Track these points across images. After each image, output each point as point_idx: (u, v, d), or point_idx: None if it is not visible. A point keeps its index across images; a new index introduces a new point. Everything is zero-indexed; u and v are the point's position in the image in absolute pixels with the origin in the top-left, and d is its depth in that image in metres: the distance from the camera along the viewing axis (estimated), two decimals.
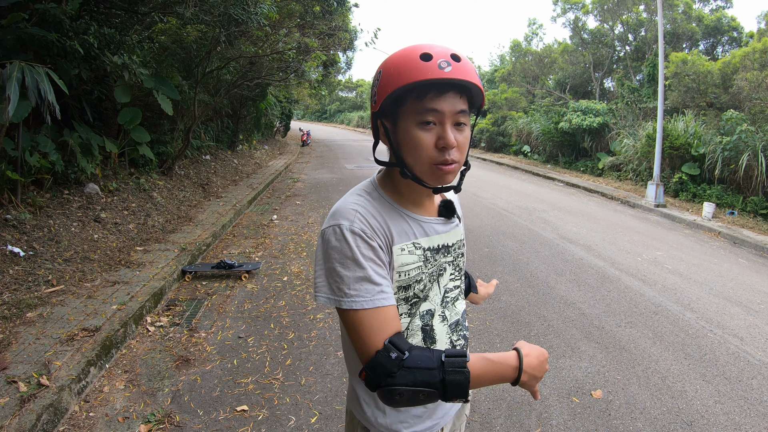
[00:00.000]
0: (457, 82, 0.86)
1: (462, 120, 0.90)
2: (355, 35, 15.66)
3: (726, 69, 10.80)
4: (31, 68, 3.41)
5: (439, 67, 0.84)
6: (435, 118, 0.87)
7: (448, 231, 1.04)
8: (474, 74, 0.88)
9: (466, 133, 0.92)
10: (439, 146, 0.88)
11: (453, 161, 0.89)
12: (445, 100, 0.87)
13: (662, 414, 2.57)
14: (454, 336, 1.06)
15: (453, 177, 0.93)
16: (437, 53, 0.86)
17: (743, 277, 5.10)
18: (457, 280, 1.10)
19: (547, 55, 18.65)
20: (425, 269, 0.98)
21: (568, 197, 9.72)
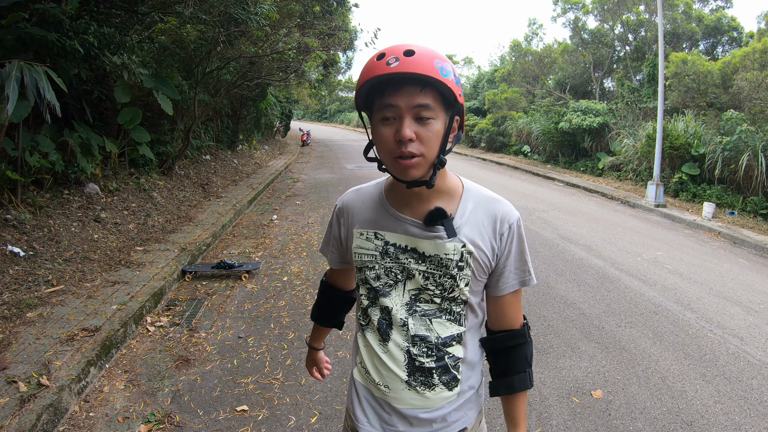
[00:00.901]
0: (403, 75, 0.86)
1: (425, 114, 0.89)
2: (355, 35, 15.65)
3: (726, 69, 10.80)
4: (30, 67, 3.41)
5: (386, 64, 0.87)
6: (393, 113, 0.90)
7: (425, 238, 1.01)
8: (426, 67, 0.85)
9: (432, 128, 0.90)
10: (396, 139, 0.90)
11: (411, 154, 0.90)
12: (401, 94, 0.89)
13: (662, 414, 2.57)
14: (414, 350, 1.04)
15: (417, 171, 0.92)
16: (390, 51, 0.89)
17: (743, 277, 5.10)
18: (438, 298, 1.03)
19: (547, 55, 18.65)
20: (381, 260, 1.06)
21: (568, 197, 9.72)
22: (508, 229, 1.03)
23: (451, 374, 1.06)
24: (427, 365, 1.04)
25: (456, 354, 1.06)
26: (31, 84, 3.35)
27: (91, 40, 4.72)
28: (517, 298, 1.09)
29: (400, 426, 1.07)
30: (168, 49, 6.87)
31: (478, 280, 1.04)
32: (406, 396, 1.05)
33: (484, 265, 1.03)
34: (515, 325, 1.09)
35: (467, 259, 1.01)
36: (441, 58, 0.89)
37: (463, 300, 1.04)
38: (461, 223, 1.01)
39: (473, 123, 20.25)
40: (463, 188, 1.05)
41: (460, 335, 1.06)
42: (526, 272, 1.07)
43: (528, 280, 1.07)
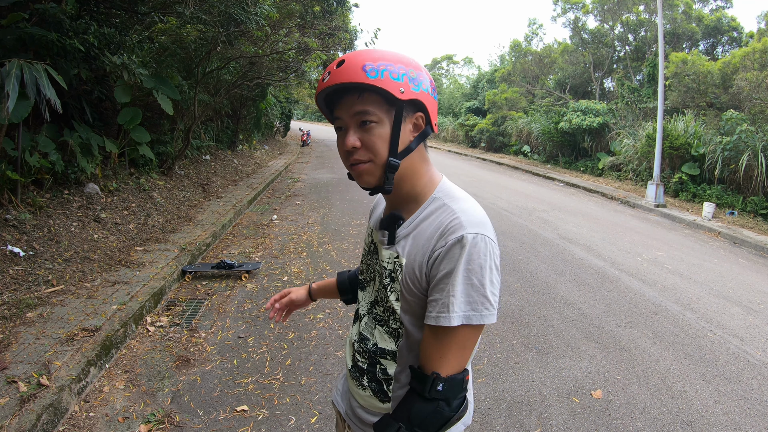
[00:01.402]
0: (333, 88, 0.88)
1: (366, 119, 0.88)
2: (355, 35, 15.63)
3: (726, 69, 10.80)
4: (30, 66, 3.41)
5: (323, 80, 0.89)
6: (341, 124, 0.92)
7: (379, 242, 1.01)
8: (353, 73, 0.84)
9: (375, 131, 0.88)
10: (344, 149, 0.91)
11: (359, 161, 0.90)
12: (342, 105, 0.90)
13: (662, 414, 2.57)
14: (357, 345, 1.07)
15: (369, 177, 0.91)
16: (330, 66, 0.89)
17: (743, 277, 5.10)
18: (381, 308, 1.00)
19: (547, 55, 18.65)
20: (366, 256, 1.10)
21: (568, 197, 9.72)
22: (442, 247, 0.86)
23: (381, 386, 1.00)
24: (360, 364, 1.06)
25: (387, 369, 0.99)
26: (30, 82, 3.35)
27: (91, 39, 4.72)
28: (436, 337, 0.86)
29: (350, 409, 1.11)
30: (168, 49, 6.87)
31: (407, 299, 0.93)
32: (350, 382, 1.10)
33: (413, 283, 0.90)
34: (425, 368, 0.87)
35: (398, 270, 0.93)
36: (373, 59, 0.85)
37: (396, 318, 0.96)
38: (406, 232, 0.94)
39: (473, 123, 20.26)
40: (432, 194, 0.96)
41: (393, 353, 0.98)
42: (444, 307, 0.83)
43: (443, 317, 0.83)
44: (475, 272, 0.83)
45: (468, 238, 0.84)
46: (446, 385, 0.85)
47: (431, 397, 0.86)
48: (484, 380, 2.82)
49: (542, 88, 18.83)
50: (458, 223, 0.87)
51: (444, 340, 0.85)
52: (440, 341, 0.85)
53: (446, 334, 0.85)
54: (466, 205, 0.91)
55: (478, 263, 0.84)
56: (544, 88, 18.86)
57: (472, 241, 0.84)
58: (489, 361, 3.05)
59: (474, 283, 0.83)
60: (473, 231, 0.85)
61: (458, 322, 0.83)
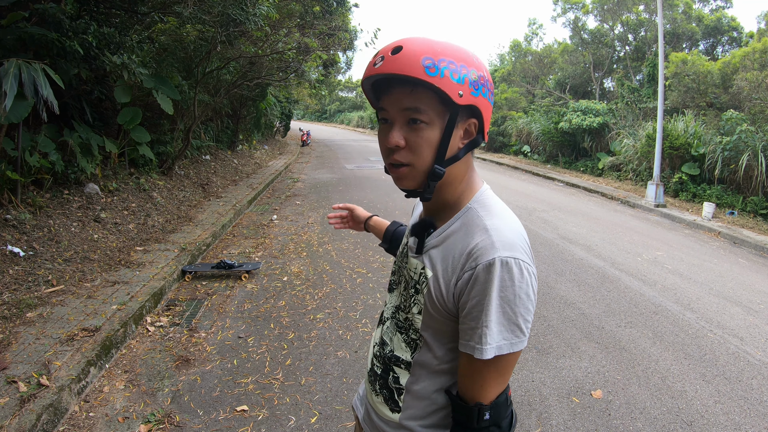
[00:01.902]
0: (384, 77, 0.80)
1: (416, 117, 0.80)
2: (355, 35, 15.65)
3: (726, 69, 10.81)
4: (28, 65, 3.42)
5: (374, 65, 0.80)
6: (387, 116, 0.84)
7: (409, 248, 0.96)
8: (411, 66, 0.76)
9: (424, 133, 0.80)
10: (386, 146, 0.83)
11: (398, 162, 0.82)
12: (391, 96, 0.82)
13: (662, 414, 2.57)
14: (376, 349, 1.03)
15: (406, 182, 0.84)
16: (383, 49, 0.81)
17: (743, 277, 5.10)
18: (403, 315, 0.95)
19: (547, 55, 18.66)
20: (398, 258, 1.05)
21: (568, 197, 9.72)
22: (471, 270, 0.79)
23: (392, 395, 0.96)
24: (376, 369, 1.01)
25: (400, 378, 0.95)
26: (28, 81, 3.35)
27: (91, 39, 4.72)
28: (472, 365, 0.82)
29: (362, 410, 1.09)
30: (168, 49, 6.87)
31: (431, 315, 0.87)
32: (367, 385, 1.06)
33: (438, 301, 0.85)
34: (466, 397, 0.84)
35: (423, 283, 0.88)
36: (435, 53, 0.78)
37: (416, 329, 0.91)
38: (433, 243, 0.89)
39: None
40: (467, 203, 0.89)
41: (408, 363, 0.93)
42: (476, 338, 0.79)
43: (476, 349, 0.79)
44: (508, 301, 0.78)
45: (500, 263, 0.77)
46: (492, 412, 0.83)
47: (480, 426, 0.83)
48: None
49: (542, 88, 18.83)
50: (490, 243, 0.79)
51: (482, 370, 0.82)
52: (478, 371, 0.82)
53: (483, 364, 0.81)
54: (501, 222, 0.83)
55: (512, 291, 0.78)
56: (544, 88, 18.86)
57: (504, 266, 0.77)
58: None
59: (507, 312, 0.78)
60: (506, 254, 0.78)
61: (491, 355, 0.79)
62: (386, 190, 9.30)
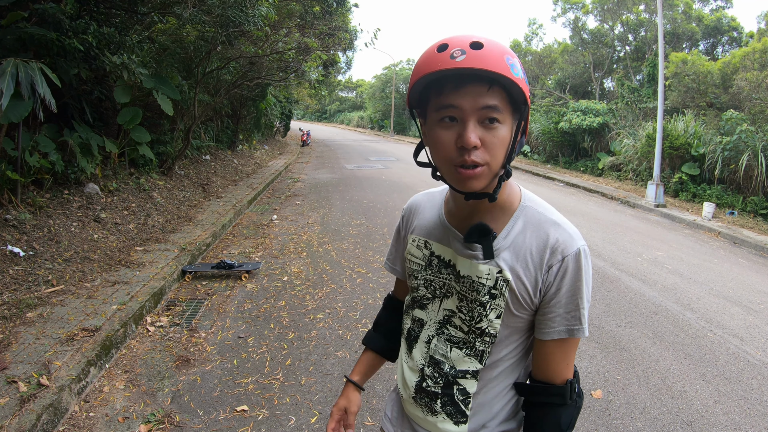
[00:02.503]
0: (469, 71, 0.75)
1: (493, 116, 0.78)
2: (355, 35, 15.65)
3: (726, 69, 10.81)
4: (26, 64, 3.42)
5: (451, 57, 0.75)
6: (456, 114, 0.79)
7: (463, 255, 0.92)
8: (497, 63, 0.74)
9: (499, 133, 0.79)
10: (458, 145, 0.79)
11: (475, 163, 0.78)
12: (465, 93, 0.77)
13: (662, 414, 2.57)
14: (428, 370, 0.98)
15: (479, 182, 0.81)
16: (455, 42, 0.77)
17: (743, 277, 5.10)
18: (466, 326, 0.93)
19: (547, 55, 18.67)
20: (424, 272, 0.99)
21: (568, 197, 9.72)
22: (559, 262, 0.85)
23: (458, 407, 0.96)
24: (432, 389, 0.97)
25: (467, 388, 0.95)
26: (25, 80, 3.35)
27: (91, 39, 4.72)
28: (564, 348, 0.89)
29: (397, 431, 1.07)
30: (168, 49, 6.87)
31: (514, 315, 0.90)
32: (413, 409, 1.02)
33: (523, 300, 0.88)
34: (555, 379, 0.90)
35: (502, 287, 0.88)
36: (510, 54, 0.78)
37: (491, 334, 0.91)
38: (503, 245, 0.88)
39: None
40: (519, 203, 0.91)
41: (476, 372, 0.94)
42: (576, 320, 0.86)
43: (576, 330, 0.86)
44: (588, 284, 0.88)
45: (583, 252, 0.86)
46: (578, 383, 0.92)
47: (574, 399, 0.90)
48: None
49: (542, 88, 18.83)
50: (568, 236, 0.87)
51: (571, 349, 0.90)
52: (567, 351, 0.89)
53: (574, 343, 0.89)
54: (562, 217, 0.91)
55: (589, 274, 0.88)
56: (544, 88, 18.87)
57: (585, 254, 0.87)
58: None
59: (588, 293, 0.88)
60: (582, 243, 0.87)
61: (588, 332, 0.89)
62: (386, 190, 9.30)
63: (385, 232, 6.07)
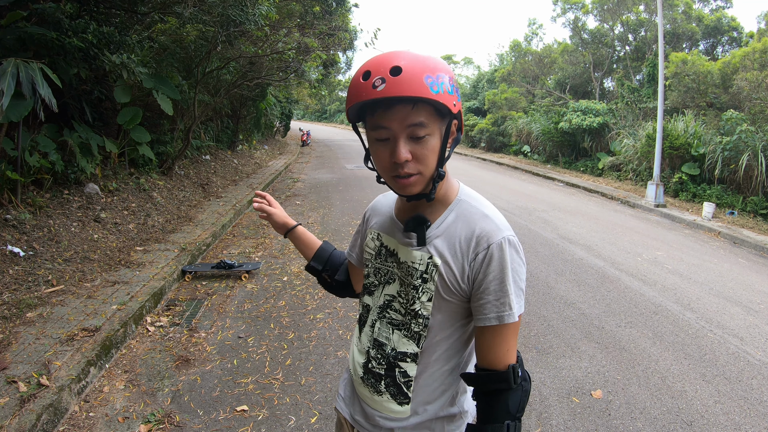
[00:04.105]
0: (388, 100, 0.82)
1: (420, 133, 0.85)
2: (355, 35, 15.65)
3: (726, 69, 10.80)
4: (26, 64, 3.42)
5: (372, 87, 0.81)
6: (387, 134, 0.87)
7: (403, 243, 1.02)
8: (416, 86, 0.80)
9: (428, 144, 0.87)
10: (392, 161, 0.87)
11: (408, 174, 0.88)
12: (393, 115, 0.84)
13: (662, 414, 2.57)
14: (373, 352, 1.05)
15: (415, 188, 0.91)
16: (376, 70, 0.82)
17: (743, 277, 5.10)
18: (403, 309, 1.00)
19: (547, 55, 18.65)
20: (374, 261, 1.09)
21: (568, 197, 9.72)
22: (484, 250, 0.91)
23: (400, 389, 1.02)
24: (377, 371, 1.05)
25: (408, 371, 1.01)
26: (26, 80, 3.35)
27: (90, 38, 4.71)
28: (501, 334, 0.93)
29: (359, 416, 1.11)
30: (168, 49, 6.87)
31: (444, 299, 0.96)
32: (362, 389, 1.09)
33: (451, 284, 0.94)
34: (497, 365, 0.93)
35: (432, 271, 0.95)
36: (431, 70, 0.82)
37: (424, 316, 0.98)
38: (436, 234, 0.97)
39: (473, 123, 20.25)
40: (455, 197, 0.99)
41: (415, 354, 1.00)
42: (504, 305, 0.91)
43: (505, 316, 0.91)
44: (516, 271, 0.92)
45: (507, 241, 0.92)
46: (521, 368, 0.95)
47: (518, 383, 0.94)
48: None
49: (542, 88, 18.83)
50: (495, 226, 0.93)
51: (508, 334, 0.93)
52: (504, 337, 0.93)
53: (509, 329, 0.93)
54: (492, 209, 0.97)
55: (517, 262, 0.92)
56: (544, 88, 18.86)
57: (510, 243, 0.92)
58: None
59: (517, 281, 0.92)
60: (508, 234, 0.93)
61: (517, 317, 0.92)
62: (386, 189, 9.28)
63: None
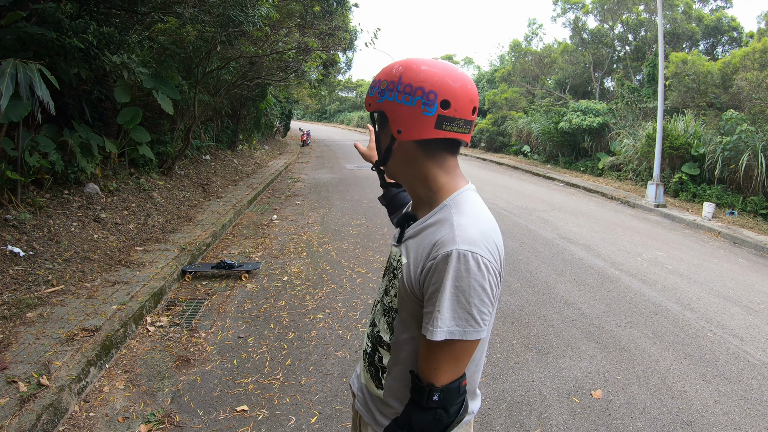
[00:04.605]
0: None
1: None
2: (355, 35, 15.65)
3: (726, 69, 10.80)
4: (25, 65, 3.42)
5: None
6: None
7: (395, 235, 1.07)
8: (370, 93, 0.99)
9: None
10: None
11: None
12: None
13: (662, 414, 2.57)
14: (368, 330, 1.13)
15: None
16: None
17: (743, 277, 5.10)
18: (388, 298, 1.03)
19: (547, 55, 18.64)
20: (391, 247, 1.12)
21: (568, 197, 9.72)
22: (433, 259, 0.86)
23: (377, 374, 1.05)
24: (367, 348, 1.10)
25: (383, 358, 1.03)
26: (24, 81, 3.35)
27: (91, 39, 4.71)
28: (427, 347, 0.87)
29: (357, 389, 1.16)
30: (168, 49, 6.87)
31: (404, 299, 0.95)
32: (362, 362, 1.15)
33: (409, 285, 0.92)
34: (422, 378, 0.89)
35: (399, 269, 0.97)
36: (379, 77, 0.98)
37: (395, 309, 0.99)
38: (412, 233, 0.98)
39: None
40: (444, 201, 0.98)
41: (389, 345, 1.01)
42: (431, 321, 0.85)
43: (428, 331, 0.85)
44: (462, 290, 0.84)
45: (456, 254, 0.84)
46: (442, 395, 0.87)
47: (428, 406, 0.87)
48: (484, 380, 2.82)
49: (542, 88, 18.83)
50: (451, 237, 0.86)
51: (436, 352, 0.86)
52: (432, 353, 0.87)
53: (437, 347, 0.86)
54: (468, 221, 0.89)
55: (467, 281, 0.83)
56: (544, 88, 18.86)
57: (461, 258, 0.83)
58: (489, 361, 3.05)
59: (461, 301, 0.84)
60: (464, 248, 0.84)
61: (442, 338, 0.84)
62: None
63: (385, 232, 6.07)
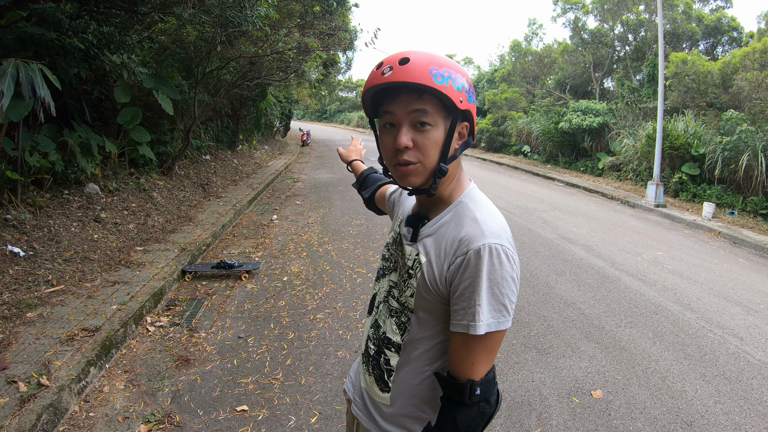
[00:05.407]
0: (399, 84, 0.86)
1: (423, 119, 0.88)
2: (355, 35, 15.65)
3: (726, 69, 10.80)
4: (26, 65, 3.42)
5: (381, 74, 0.88)
6: (393, 120, 0.91)
7: (404, 236, 1.04)
8: (420, 75, 0.84)
9: (430, 135, 0.89)
10: (394, 147, 0.91)
11: (408, 161, 0.90)
12: (398, 102, 0.89)
13: (662, 414, 2.57)
14: (371, 332, 1.10)
15: (416, 179, 0.92)
16: (387, 60, 0.89)
17: (743, 277, 5.10)
18: (397, 299, 1.02)
19: (547, 55, 18.65)
20: (390, 246, 1.12)
21: (568, 197, 9.72)
22: (463, 255, 0.88)
23: (383, 376, 1.04)
24: (370, 351, 1.09)
25: (391, 360, 1.02)
26: (26, 81, 3.35)
27: (91, 38, 4.71)
28: (466, 344, 0.89)
29: (357, 395, 1.14)
30: (168, 49, 6.87)
31: (424, 297, 0.95)
32: (362, 366, 1.13)
33: (431, 284, 0.93)
34: (458, 375, 0.90)
35: (417, 268, 0.97)
36: (439, 64, 0.87)
37: (410, 309, 0.99)
38: (428, 232, 0.98)
39: None
40: (459, 198, 0.99)
41: (399, 345, 1.01)
42: (469, 316, 0.87)
43: (470, 326, 0.87)
44: (496, 283, 0.87)
45: (488, 249, 0.87)
46: (483, 388, 0.90)
47: (472, 402, 0.89)
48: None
49: (542, 88, 18.83)
50: (479, 232, 0.89)
51: (474, 347, 0.89)
52: (470, 348, 0.89)
53: (475, 341, 0.88)
54: (488, 216, 0.93)
55: (499, 274, 0.87)
56: (544, 88, 18.86)
57: (493, 252, 0.87)
58: None
59: (495, 293, 0.87)
60: (493, 242, 0.88)
61: (483, 331, 0.87)
62: None
63: (384, 232, 6.07)
